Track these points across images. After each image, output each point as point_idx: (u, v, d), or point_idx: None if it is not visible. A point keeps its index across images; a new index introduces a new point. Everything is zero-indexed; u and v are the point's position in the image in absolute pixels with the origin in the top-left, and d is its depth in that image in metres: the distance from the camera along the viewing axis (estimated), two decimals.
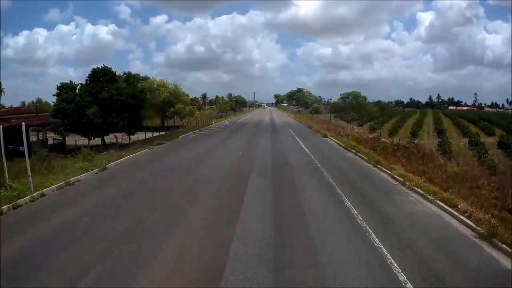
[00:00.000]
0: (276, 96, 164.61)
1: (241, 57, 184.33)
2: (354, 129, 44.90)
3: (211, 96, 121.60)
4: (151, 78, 42.60)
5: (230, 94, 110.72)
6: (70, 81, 26.61)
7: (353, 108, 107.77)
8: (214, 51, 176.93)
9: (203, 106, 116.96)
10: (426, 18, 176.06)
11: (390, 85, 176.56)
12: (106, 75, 25.89)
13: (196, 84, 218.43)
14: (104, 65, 26.70)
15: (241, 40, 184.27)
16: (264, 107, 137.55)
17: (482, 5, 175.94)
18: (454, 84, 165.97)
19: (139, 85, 41.01)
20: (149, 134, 28.02)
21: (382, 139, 33.48)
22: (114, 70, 26.38)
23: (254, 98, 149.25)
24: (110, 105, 23.04)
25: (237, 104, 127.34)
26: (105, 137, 25.76)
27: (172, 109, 38.37)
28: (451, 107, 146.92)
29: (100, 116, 22.94)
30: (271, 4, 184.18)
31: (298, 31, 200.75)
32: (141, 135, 26.66)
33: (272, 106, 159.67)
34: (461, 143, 45.19)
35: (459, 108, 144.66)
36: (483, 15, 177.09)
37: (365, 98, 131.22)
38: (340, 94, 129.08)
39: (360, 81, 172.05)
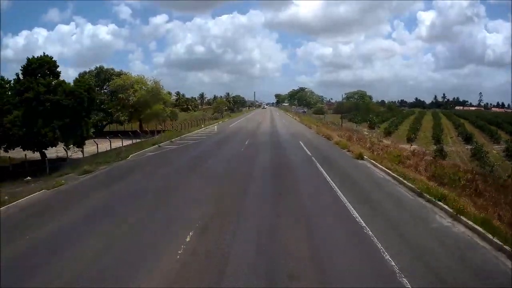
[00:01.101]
0: (277, 96, 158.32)
1: (242, 57, 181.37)
2: (375, 137, 38.04)
3: (209, 95, 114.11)
4: (127, 74, 35.42)
5: (228, 94, 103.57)
6: (2, 77, 19.51)
7: (359, 108, 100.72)
8: (215, 51, 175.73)
9: (200, 106, 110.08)
10: (427, 17, 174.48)
11: (390, 84, 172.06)
12: (41, 67, 18.67)
13: (197, 84, 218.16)
14: (44, 53, 19.43)
15: (241, 40, 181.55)
16: (264, 107, 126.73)
17: (483, 4, 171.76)
18: (455, 83, 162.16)
19: (111, 82, 34.00)
20: (115, 143, 20.97)
21: (418, 151, 26.66)
22: (54, 60, 19.13)
23: (254, 98, 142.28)
24: (36, 108, 15.82)
25: (235, 104, 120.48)
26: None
27: (148, 111, 31.11)
28: (457, 107, 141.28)
29: (21, 125, 15.76)
30: (271, 3, 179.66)
31: (298, 31, 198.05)
32: (104, 145, 19.49)
33: (273, 106, 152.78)
34: (494, 151, 38.17)
35: (465, 108, 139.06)
36: (484, 14, 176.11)
37: (370, 97, 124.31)
38: (345, 94, 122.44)
39: (361, 81, 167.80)
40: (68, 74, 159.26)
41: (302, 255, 6.23)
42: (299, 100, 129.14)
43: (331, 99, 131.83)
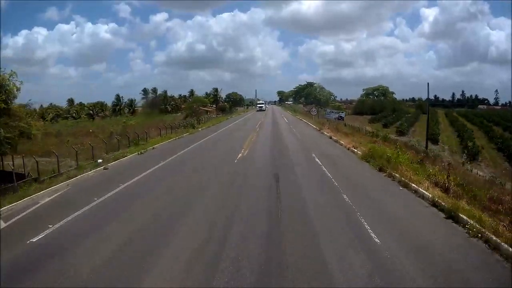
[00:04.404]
0: (279, 93, 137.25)
1: (243, 55, 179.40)
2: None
3: (200, 93, 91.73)
4: None
5: (216, 89, 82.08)
6: None
7: (385, 108, 79.41)
8: (216, 49, 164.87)
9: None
10: (430, 14, 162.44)
11: (393, 82, 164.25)
12: None
13: (198, 83, 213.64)
14: None
15: (242, 38, 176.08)
16: (261, 108, 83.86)
17: (487, 1, 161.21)
18: (458, 81, 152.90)
19: None
20: None
21: None
22: None
23: (255, 96, 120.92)
24: None
25: (229, 102, 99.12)
26: None
27: None
28: (480, 106, 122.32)
29: None
30: (272, 2, 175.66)
31: (299, 29, 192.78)
32: None
33: (274, 104, 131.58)
34: None
35: (489, 107, 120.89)
36: (488, 11, 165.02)
37: (393, 93, 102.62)
38: (363, 90, 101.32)
39: (363, 78, 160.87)
40: (69, 73, 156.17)
41: None
42: (306, 97, 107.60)
43: (336, 96, 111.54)
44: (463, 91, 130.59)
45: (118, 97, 70.89)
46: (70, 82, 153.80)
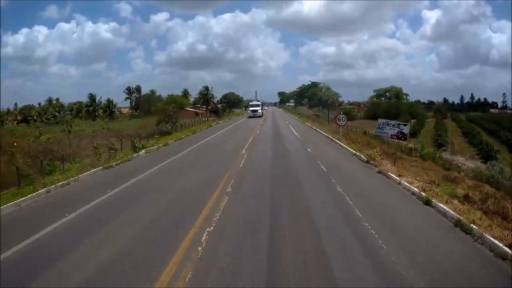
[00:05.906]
0: (280, 94, 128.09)
1: (244, 56, 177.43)
2: None
3: (197, 92, 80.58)
4: None
5: (207, 88, 71.82)
6: None
7: (401, 111, 69.69)
8: (216, 50, 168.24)
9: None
10: (432, 16, 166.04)
11: (395, 84, 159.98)
12: None
13: (199, 84, 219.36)
14: None
15: (243, 38, 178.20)
16: (255, 113, 58.45)
17: (489, 3, 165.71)
18: (461, 83, 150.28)
19: None
20: None
21: None
22: None
23: (256, 97, 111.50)
24: None
25: (226, 103, 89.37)
26: None
27: None
28: (492, 110, 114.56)
29: None
30: (273, 2, 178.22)
31: (301, 30, 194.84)
32: None
33: (275, 106, 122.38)
34: None
35: (502, 111, 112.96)
36: (490, 14, 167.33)
37: (407, 95, 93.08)
38: (374, 91, 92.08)
39: (364, 80, 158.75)
40: (70, 72, 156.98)
41: None
42: (310, 98, 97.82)
43: (339, 96, 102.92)
44: (472, 94, 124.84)
45: (91, 97, 60.17)
46: (71, 81, 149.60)
